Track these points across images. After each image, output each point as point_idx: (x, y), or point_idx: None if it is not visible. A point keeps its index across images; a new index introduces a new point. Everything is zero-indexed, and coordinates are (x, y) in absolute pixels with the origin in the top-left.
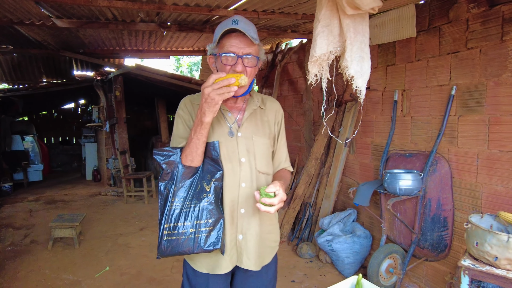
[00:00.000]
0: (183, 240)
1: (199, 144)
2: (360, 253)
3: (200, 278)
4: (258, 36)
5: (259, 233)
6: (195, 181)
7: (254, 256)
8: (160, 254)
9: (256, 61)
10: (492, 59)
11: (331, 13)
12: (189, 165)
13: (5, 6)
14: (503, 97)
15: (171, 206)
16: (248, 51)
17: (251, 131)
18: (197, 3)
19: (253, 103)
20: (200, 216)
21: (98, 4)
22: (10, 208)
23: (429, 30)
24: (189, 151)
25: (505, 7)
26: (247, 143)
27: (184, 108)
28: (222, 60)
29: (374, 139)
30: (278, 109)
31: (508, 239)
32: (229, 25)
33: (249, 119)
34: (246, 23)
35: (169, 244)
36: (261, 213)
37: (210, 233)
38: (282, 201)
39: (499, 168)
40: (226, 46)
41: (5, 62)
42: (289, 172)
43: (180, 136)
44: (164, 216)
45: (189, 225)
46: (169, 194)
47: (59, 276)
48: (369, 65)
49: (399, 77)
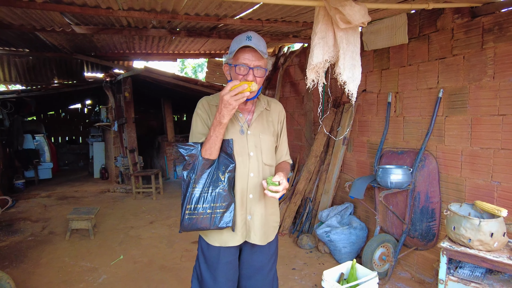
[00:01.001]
0: (202, 219)
1: (217, 141)
2: (356, 244)
3: (213, 251)
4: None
5: (264, 214)
6: (212, 171)
7: (259, 233)
8: (182, 229)
9: (264, 72)
10: (474, 65)
11: (327, 26)
12: (208, 158)
13: (32, 16)
14: (483, 100)
15: (192, 191)
16: (258, 64)
17: (258, 130)
18: (207, 13)
19: (260, 105)
20: (216, 200)
21: (118, 15)
22: (24, 203)
23: (419, 37)
24: (208, 146)
25: (485, 18)
26: (255, 140)
27: (202, 108)
28: (236, 70)
29: (370, 138)
30: (281, 110)
31: (480, 223)
32: (243, 41)
33: (257, 119)
34: (258, 39)
35: (190, 221)
36: (266, 198)
37: (224, 214)
38: (285, 188)
39: (480, 163)
40: (240, 59)
41: (20, 64)
42: (289, 163)
43: (199, 133)
44: (186, 199)
45: (207, 207)
46: (190, 181)
47: (77, 263)
48: (360, 72)
49: (392, 80)
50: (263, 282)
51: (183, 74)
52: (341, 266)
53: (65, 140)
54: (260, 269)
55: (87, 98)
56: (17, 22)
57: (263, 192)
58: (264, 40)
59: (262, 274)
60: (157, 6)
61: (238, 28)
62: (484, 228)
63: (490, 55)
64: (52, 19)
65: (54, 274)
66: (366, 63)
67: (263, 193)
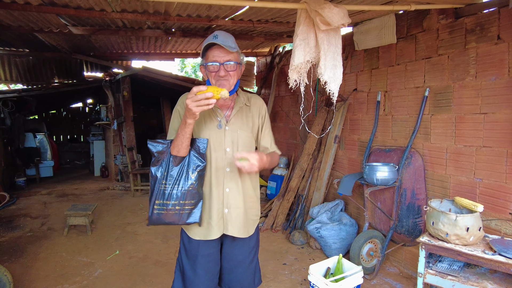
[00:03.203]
0: (170, 215)
1: (184, 139)
2: (346, 240)
3: (193, 244)
4: (257, 41)
5: (241, 207)
6: (181, 169)
7: (237, 226)
8: (151, 223)
9: (235, 66)
10: (458, 64)
11: (308, 28)
12: (176, 155)
13: (30, 17)
14: (466, 98)
15: (161, 187)
16: (228, 58)
17: (237, 126)
18: (198, 14)
19: (240, 101)
20: (185, 197)
21: (112, 16)
22: (25, 200)
23: (407, 37)
24: (176, 144)
25: (467, 19)
26: (232, 135)
27: (182, 104)
28: (209, 68)
29: (361, 136)
30: (261, 105)
31: (456, 218)
32: (210, 40)
33: (236, 115)
34: (225, 36)
35: (158, 216)
36: (243, 191)
37: (192, 210)
38: (256, 158)
39: (463, 161)
40: (210, 57)
41: (21, 64)
42: (277, 154)
43: (174, 129)
44: (155, 195)
45: (175, 204)
46: (158, 177)
47: (74, 258)
48: (341, 72)
49: (382, 79)
50: (244, 274)
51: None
52: (327, 260)
53: (67, 139)
54: (241, 262)
55: (88, 97)
56: (16, 24)
57: (239, 186)
58: (232, 36)
59: (243, 267)
60: (149, 8)
61: (232, 29)
62: (460, 223)
63: (473, 55)
64: (49, 20)
65: (51, 268)
66: (357, 63)
67: (239, 187)
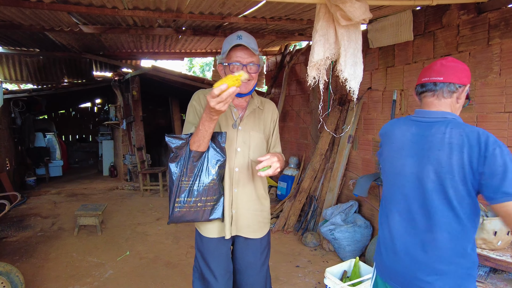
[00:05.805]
0: (192, 212)
1: (206, 134)
2: (361, 242)
3: (206, 243)
4: (267, 39)
5: (249, 208)
6: (201, 164)
7: (245, 226)
8: (171, 221)
9: (257, 68)
10: (480, 61)
11: (328, 23)
12: (195, 150)
13: (41, 16)
14: (489, 97)
15: (181, 184)
16: (251, 60)
17: (249, 126)
18: (211, 11)
19: (253, 103)
20: (207, 193)
21: (123, 14)
22: (35, 200)
23: (425, 34)
24: (197, 138)
25: (491, 14)
26: (244, 136)
27: (197, 99)
28: (231, 69)
29: (375, 136)
30: (274, 110)
31: (483, 221)
32: (234, 40)
33: (249, 116)
34: (248, 37)
35: (179, 214)
36: (252, 192)
37: (214, 206)
38: (274, 161)
39: None
40: (233, 57)
41: (31, 64)
42: (281, 155)
43: (190, 122)
44: (175, 192)
45: (197, 200)
46: (178, 174)
47: (85, 259)
48: (362, 69)
49: (398, 77)
50: (256, 277)
51: (191, 72)
52: (344, 263)
53: (76, 138)
54: (252, 264)
55: (96, 97)
56: (27, 23)
57: (247, 187)
58: (254, 38)
59: (255, 269)
60: (162, 5)
61: (243, 27)
62: (487, 227)
63: (496, 51)
64: (60, 19)
65: (62, 269)
66: (372, 61)
67: (247, 188)
